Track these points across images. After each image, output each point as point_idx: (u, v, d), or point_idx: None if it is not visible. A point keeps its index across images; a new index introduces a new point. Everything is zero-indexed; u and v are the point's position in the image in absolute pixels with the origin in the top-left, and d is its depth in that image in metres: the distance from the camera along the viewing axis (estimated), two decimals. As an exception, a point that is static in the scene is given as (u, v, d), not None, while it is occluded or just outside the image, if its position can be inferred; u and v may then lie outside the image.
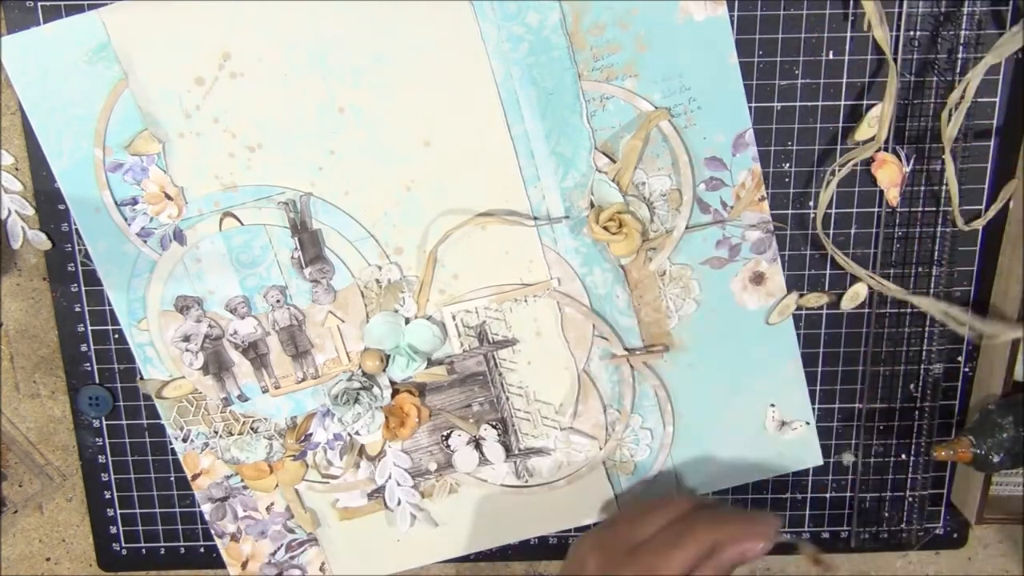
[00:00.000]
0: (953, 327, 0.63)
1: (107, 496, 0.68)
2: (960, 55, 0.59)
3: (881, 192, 0.62)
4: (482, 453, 0.66)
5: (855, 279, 0.64)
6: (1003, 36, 0.57)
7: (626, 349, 0.64)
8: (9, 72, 0.59)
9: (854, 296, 0.64)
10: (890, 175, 0.61)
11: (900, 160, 0.61)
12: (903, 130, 0.60)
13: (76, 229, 0.62)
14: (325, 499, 0.68)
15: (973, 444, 0.62)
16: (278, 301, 0.63)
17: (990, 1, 0.58)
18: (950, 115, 0.58)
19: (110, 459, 0.68)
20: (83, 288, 0.64)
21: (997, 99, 0.60)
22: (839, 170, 0.60)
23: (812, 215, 0.62)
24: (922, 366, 0.65)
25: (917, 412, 0.66)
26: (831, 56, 0.60)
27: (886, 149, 0.61)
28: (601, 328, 0.64)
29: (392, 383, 0.64)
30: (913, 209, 0.62)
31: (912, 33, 0.58)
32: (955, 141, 0.59)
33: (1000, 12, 0.58)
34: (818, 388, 0.66)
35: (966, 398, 0.67)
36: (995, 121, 0.61)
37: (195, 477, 0.67)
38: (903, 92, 0.60)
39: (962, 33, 0.58)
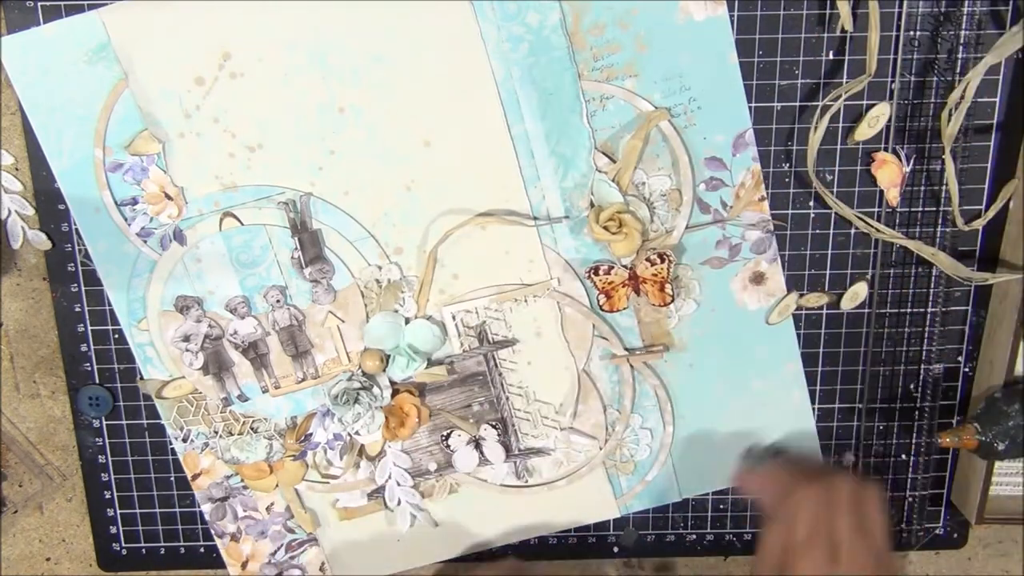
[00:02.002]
0: (945, 270, 0.63)
1: (107, 496, 0.68)
2: (960, 55, 0.59)
3: (881, 192, 0.62)
4: (482, 453, 0.66)
5: (855, 279, 0.64)
6: (1003, 36, 0.57)
7: (626, 349, 0.64)
8: (9, 72, 0.59)
9: (854, 296, 0.64)
10: (890, 175, 0.61)
11: (900, 160, 0.61)
12: (903, 130, 0.60)
13: (76, 229, 0.62)
14: (325, 499, 0.68)
15: (978, 432, 0.62)
16: (278, 301, 0.63)
17: (990, 1, 0.58)
18: (950, 115, 0.58)
19: (110, 459, 0.68)
20: (83, 288, 0.64)
21: (997, 99, 0.60)
22: (826, 109, 0.60)
23: (812, 211, 0.62)
24: (922, 366, 0.65)
25: (917, 412, 0.66)
26: (831, 56, 0.60)
27: (886, 149, 0.61)
28: (601, 328, 0.64)
29: (392, 383, 0.64)
30: (913, 209, 0.62)
31: (912, 33, 0.58)
32: (955, 141, 0.59)
33: (1000, 12, 0.58)
34: (818, 388, 0.66)
35: (966, 398, 0.67)
36: (995, 121, 0.61)
37: (195, 477, 0.67)
38: (903, 92, 0.60)
39: (962, 33, 0.58)
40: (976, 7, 0.58)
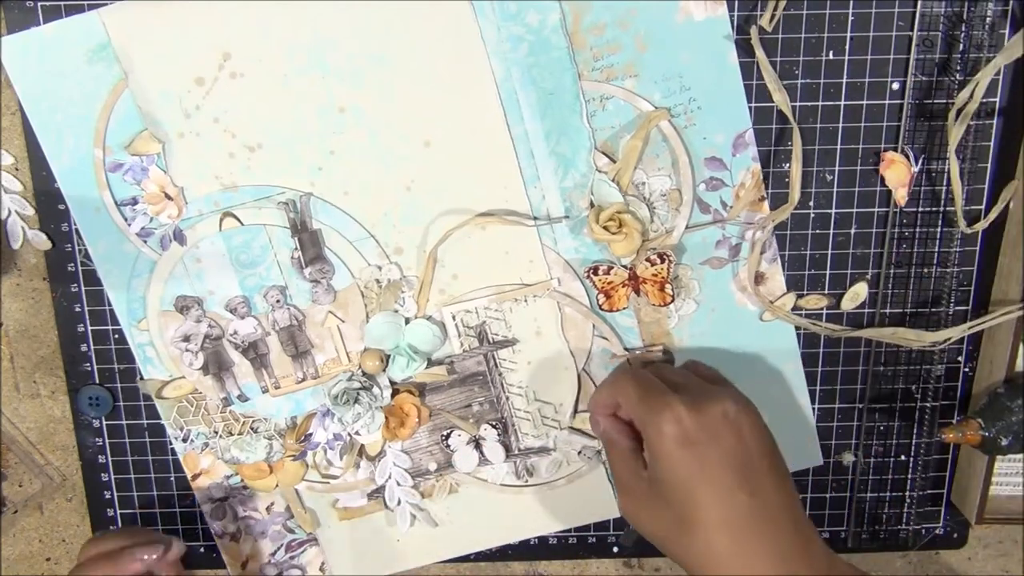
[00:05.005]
0: (906, 345, 0.64)
1: (107, 496, 0.68)
2: (971, 55, 0.58)
3: (881, 192, 0.62)
4: (482, 453, 0.66)
5: (855, 279, 0.64)
6: (1011, 39, 0.57)
7: (626, 349, 0.64)
8: (9, 72, 0.59)
9: (854, 296, 0.64)
10: (898, 175, 0.61)
11: (909, 160, 0.61)
12: (912, 130, 0.60)
13: (76, 229, 0.62)
14: (325, 499, 0.68)
15: (981, 427, 0.62)
16: (278, 301, 0.63)
17: (1002, 2, 0.58)
18: (957, 115, 0.58)
19: (110, 459, 0.68)
20: (83, 288, 0.64)
21: (997, 99, 0.60)
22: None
23: (811, 212, 0.62)
24: (922, 366, 0.65)
25: (917, 412, 0.66)
26: (831, 56, 0.60)
27: (887, 150, 0.61)
28: (601, 328, 0.64)
29: (392, 383, 0.64)
30: (917, 209, 0.62)
31: (924, 33, 0.58)
32: (960, 142, 0.59)
33: (1013, 13, 0.58)
34: (818, 388, 0.66)
35: (966, 398, 0.67)
36: (995, 121, 0.61)
37: (195, 477, 0.67)
38: (915, 92, 0.60)
39: (973, 34, 0.58)
40: (988, 8, 0.58)
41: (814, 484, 0.69)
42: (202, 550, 0.70)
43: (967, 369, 0.66)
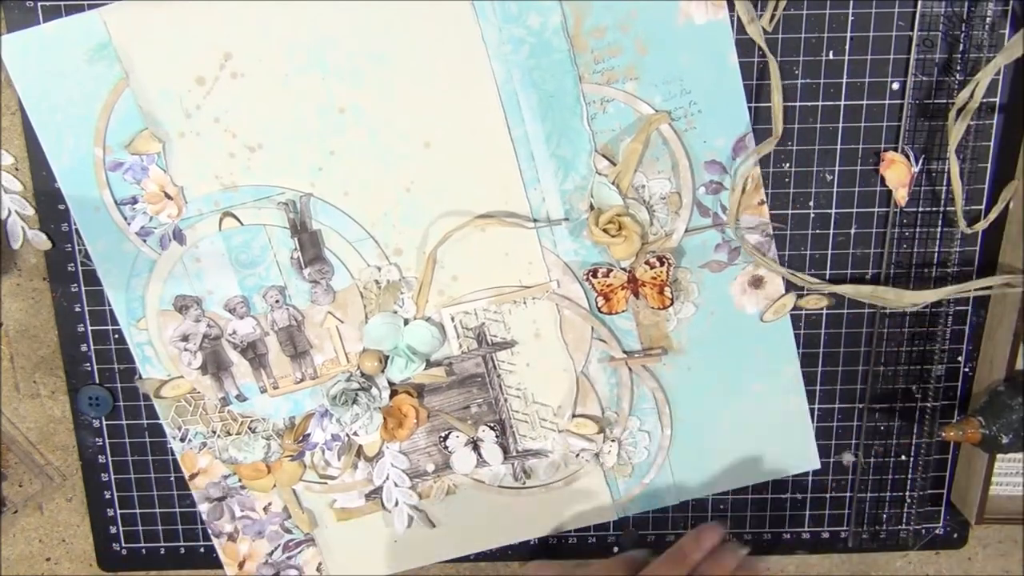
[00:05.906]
0: (883, 304, 0.63)
1: (107, 496, 0.69)
2: (971, 55, 0.58)
3: (881, 192, 0.62)
4: (480, 454, 0.66)
5: (856, 279, 0.63)
6: (1011, 39, 0.57)
7: (624, 352, 0.64)
8: (9, 71, 0.59)
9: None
10: (898, 175, 0.61)
11: (909, 160, 0.60)
12: (912, 130, 0.60)
13: (76, 229, 0.62)
14: (322, 499, 0.68)
15: (982, 425, 0.62)
16: (277, 301, 0.63)
17: (1002, 2, 0.58)
18: (957, 115, 0.58)
19: (110, 459, 0.68)
20: (83, 288, 0.64)
21: (997, 99, 0.60)
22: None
23: (811, 212, 0.62)
24: (922, 366, 0.65)
25: (918, 412, 0.66)
26: (831, 56, 0.60)
27: (887, 150, 0.61)
28: (600, 331, 0.64)
29: (390, 384, 0.64)
30: (917, 209, 0.62)
31: (924, 33, 0.58)
32: (960, 142, 0.59)
33: (1012, 14, 0.58)
34: (818, 388, 0.66)
35: (966, 398, 0.67)
36: (995, 121, 0.61)
37: (193, 476, 0.67)
38: (915, 92, 0.59)
39: (973, 34, 0.58)
40: (988, 8, 0.58)
41: (814, 484, 0.69)
42: (202, 550, 0.70)
43: (967, 369, 0.66)
